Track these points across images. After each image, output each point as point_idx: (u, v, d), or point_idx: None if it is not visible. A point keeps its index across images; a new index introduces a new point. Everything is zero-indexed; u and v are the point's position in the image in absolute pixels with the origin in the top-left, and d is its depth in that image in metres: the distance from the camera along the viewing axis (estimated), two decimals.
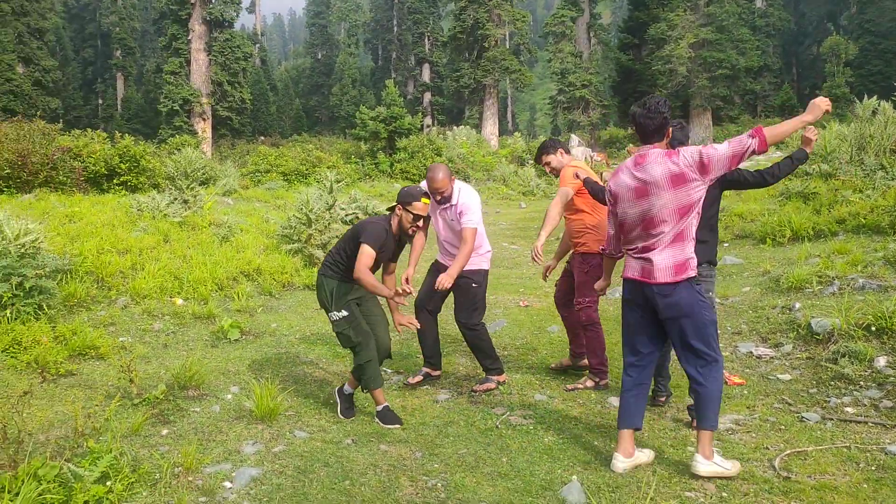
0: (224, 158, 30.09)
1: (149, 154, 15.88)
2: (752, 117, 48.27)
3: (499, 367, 5.51)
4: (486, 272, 5.47)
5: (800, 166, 4.57)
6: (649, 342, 4.02)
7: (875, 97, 13.28)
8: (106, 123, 53.47)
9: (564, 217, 5.61)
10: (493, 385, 5.44)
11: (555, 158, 5.62)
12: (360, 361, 4.69)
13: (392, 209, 4.85)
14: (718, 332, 4.28)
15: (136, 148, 15.05)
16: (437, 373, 5.69)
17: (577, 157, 28.07)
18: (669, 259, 3.79)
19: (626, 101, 49.81)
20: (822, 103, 3.75)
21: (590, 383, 5.48)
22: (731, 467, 3.82)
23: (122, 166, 14.65)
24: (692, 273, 3.80)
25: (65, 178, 13.71)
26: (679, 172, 3.73)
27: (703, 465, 3.77)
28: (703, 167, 3.72)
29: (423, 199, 4.73)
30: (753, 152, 3.70)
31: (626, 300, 4.04)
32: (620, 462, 3.94)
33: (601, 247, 4.40)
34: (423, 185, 5.22)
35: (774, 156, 24.88)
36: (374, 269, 4.69)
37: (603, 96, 50.09)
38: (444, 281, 5.03)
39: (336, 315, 4.73)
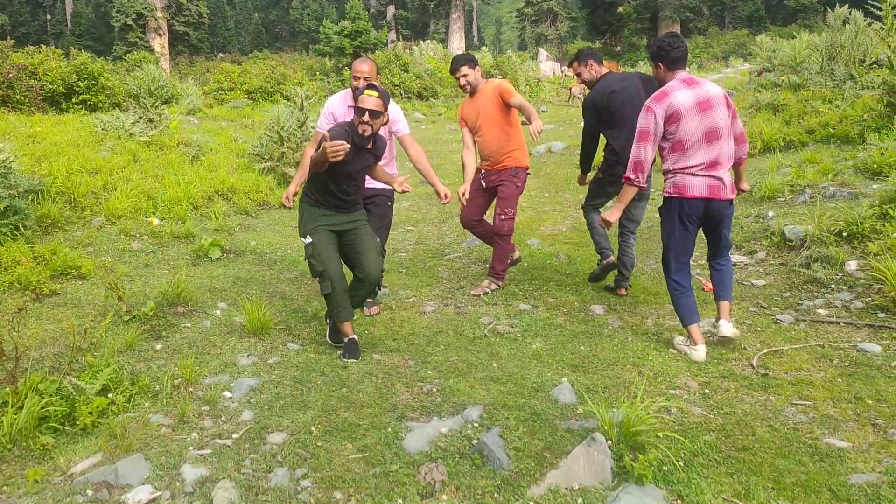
0: (184, 76, 29.07)
1: (107, 71, 15.29)
2: (721, 29, 47.98)
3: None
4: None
5: None
6: (691, 252, 4.46)
7: (847, 6, 13.25)
8: (56, 40, 51.19)
9: (484, 132, 5.62)
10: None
11: (472, 73, 5.64)
12: (322, 293, 4.38)
13: None
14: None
15: (93, 65, 14.48)
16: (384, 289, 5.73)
17: (545, 72, 27.28)
18: (729, 177, 4.25)
19: (594, 13, 49.02)
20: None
21: (493, 286, 5.78)
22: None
23: (81, 84, 14.12)
24: None
25: (22, 97, 13.19)
26: (727, 99, 4.24)
27: (726, 327, 4.38)
28: (734, 114, 4.27)
29: (368, 91, 4.20)
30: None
31: (684, 216, 4.25)
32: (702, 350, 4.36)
33: (630, 176, 4.27)
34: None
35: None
36: (341, 175, 4.27)
37: (571, 8, 49.06)
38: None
39: (304, 241, 4.41)
